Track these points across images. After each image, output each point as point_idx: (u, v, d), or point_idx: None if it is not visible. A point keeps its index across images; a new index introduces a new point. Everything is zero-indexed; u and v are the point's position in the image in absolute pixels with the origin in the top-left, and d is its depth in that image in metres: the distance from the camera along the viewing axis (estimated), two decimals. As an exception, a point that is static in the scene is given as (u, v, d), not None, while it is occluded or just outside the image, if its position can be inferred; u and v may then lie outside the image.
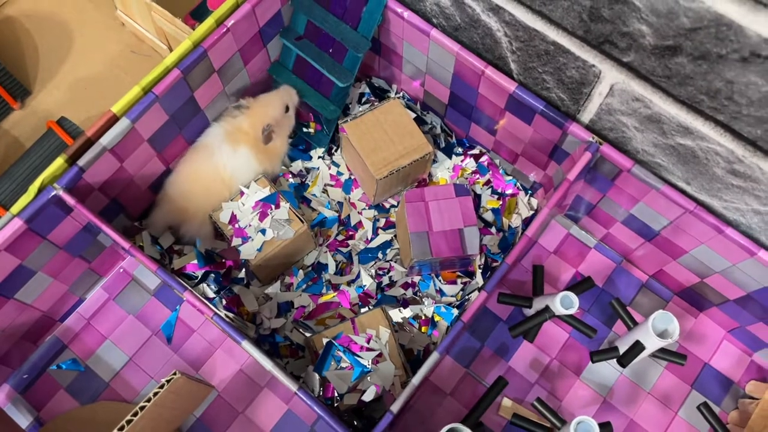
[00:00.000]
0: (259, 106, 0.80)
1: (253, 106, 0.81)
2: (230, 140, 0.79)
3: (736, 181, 0.63)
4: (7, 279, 0.69)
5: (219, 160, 0.77)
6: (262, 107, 0.81)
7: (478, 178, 0.87)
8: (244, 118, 0.80)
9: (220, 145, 0.78)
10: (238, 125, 0.79)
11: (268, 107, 0.81)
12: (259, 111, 0.80)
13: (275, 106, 0.81)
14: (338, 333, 0.72)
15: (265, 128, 0.80)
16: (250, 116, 0.80)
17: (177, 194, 0.79)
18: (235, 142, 0.79)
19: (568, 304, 0.70)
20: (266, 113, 0.80)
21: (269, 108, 0.81)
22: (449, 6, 0.72)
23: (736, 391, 0.80)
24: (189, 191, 0.78)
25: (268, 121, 0.80)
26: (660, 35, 0.56)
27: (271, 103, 0.81)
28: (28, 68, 0.94)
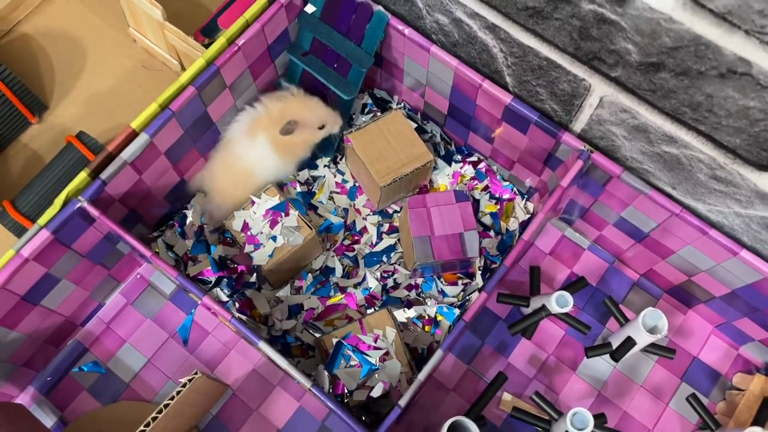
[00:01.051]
0: (305, 101, 0.82)
1: (301, 98, 0.82)
2: (253, 127, 0.81)
3: (718, 186, 0.68)
4: (35, 287, 0.73)
5: (238, 150, 0.81)
6: (307, 105, 0.82)
7: (476, 184, 0.92)
8: (282, 103, 0.81)
9: (243, 134, 0.81)
10: (271, 108, 0.81)
11: (311, 109, 0.82)
12: (301, 105, 0.82)
13: (317, 114, 0.83)
14: (347, 333, 0.76)
15: (291, 121, 0.81)
16: (289, 103, 0.82)
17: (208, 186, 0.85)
18: (256, 130, 0.81)
19: (563, 303, 0.74)
20: (306, 112, 0.82)
21: (310, 111, 0.82)
22: (448, 24, 0.76)
23: (723, 383, 0.84)
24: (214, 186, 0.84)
25: (298, 119, 0.81)
26: (644, 53, 0.60)
27: (315, 110, 0.83)
28: (44, 84, 0.98)
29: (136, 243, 0.71)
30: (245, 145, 0.82)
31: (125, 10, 0.93)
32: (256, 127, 0.82)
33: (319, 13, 0.82)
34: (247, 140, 0.82)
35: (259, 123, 0.82)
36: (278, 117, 0.81)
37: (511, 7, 0.67)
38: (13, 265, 0.68)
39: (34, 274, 0.71)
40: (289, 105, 0.82)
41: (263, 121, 0.82)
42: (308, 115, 0.82)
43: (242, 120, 0.83)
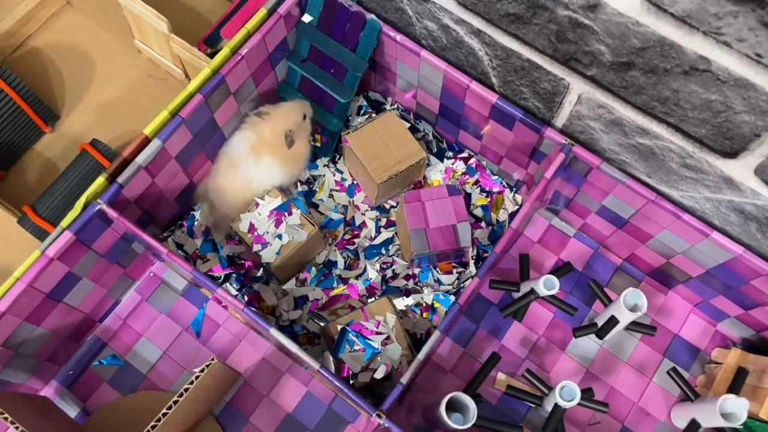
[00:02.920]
0: (279, 113, 0.87)
1: (273, 112, 0.87)
2: (253, 152, 0.86)
3: (689, 174, 0.74)
4: (58, 285, 0.78)
5: (245, 174, 0.86)
6: (283, 114, 0.87)
7: (467, 178, 0.97)
8: (265, 125, 0.86)
9: (246, 158, 0.86)
10: (260, 133, 0.86)
11: (288, 114, 0.87)
12: (280, 117, 0.87)
13: (295, 112, 0.88)
14: (350, 320, 0.82)
15: (288, 134, 0.86)
16: (270, 122, 0.86)
17: (215, 200, 0.90)
18: (258, 154, 0.86)
19: (550, 286, 0.80)
20: (287, 119, 0.87)
21: (289, 114, 0.87)
22: (436, 30, 0.82)
23: (702, 357, 0.90)
24: (222, 201, 0.89)
25: (289, 126, 0.86)
26: (616, 53, 0.66)
27: (290, 110, 0.88)
28: (55, 94, 1.03)
29: (152, 241, 0.76)
30: (252, 168, 0.87)
31: (131, 23, 0.98)
32: (258, 151, 0.87)
33: (315, 22, 0.88)
34: (253, 162, 0.87)
35: (259, 147, 0.87)
36: (272, 137, 0.87)
37: (494, 13, 0.73)
38: (39, 264, 0.74)
39: (58, 272, 0.77)
40: (274, 121, 0.87)
41: (262, 145, 0.87)
42: (291, 116, 0.87)
43: (241, 144, 0.87)
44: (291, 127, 0.87)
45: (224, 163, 0.88)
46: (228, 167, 0.88)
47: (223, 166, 0.89)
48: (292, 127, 0.87)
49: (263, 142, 0.87)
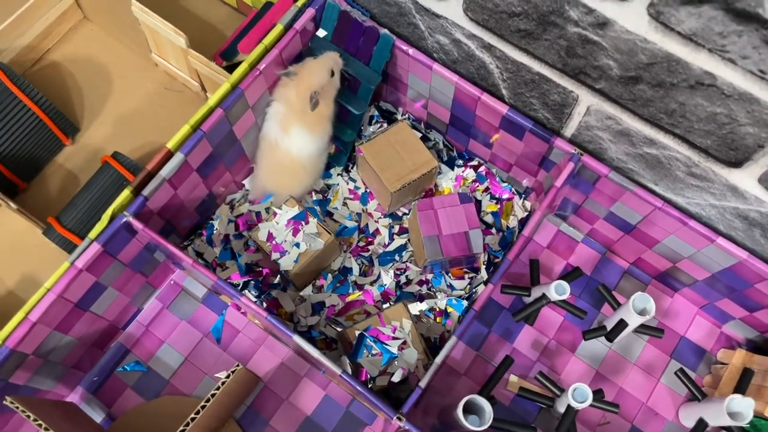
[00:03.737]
0: (305, 73, 0.85)
1: (300, 72, 0.85)
2: (282, 126, 0.88)
3: (695, 182, 0.76)
4: (86, 295, 0.81)
5: (286, 149, 0.89)
6: (308, 74, 0.85)
7: (477, 186, 1.00)
8: (292, 88, 0.86)
9: (280, 135, 0.88)
10: (288, 99, 0.86)
11: (312, 74, 0.85)
12: (304, 79, 0.85)
13: (320, 72, 0.85)
14: (368, 326, 0.85)
15: (313, 95, 0.85)
16: (297, 84, 0.85)
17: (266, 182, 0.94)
18: (286, 126, 0.88)
19: (561, 291, 0.83)
20: (312, 80, 0.85)
21: (314, 75, 0.85)
22: (448, 44, 0.85)
23: (708, 358, 0.93)
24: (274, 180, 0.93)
25: (314, 89, 0.85)
26: (624, 68, 0.69)
27: (316, 70, 0.85)
28: (74, 107, 1.06)
29: (176, 251, 0.79)
30: (287, 141, 0.89)
31: (148, 37, 1.01)
32: (286, 124, 0.88)
33: (329, 37, 0.90)
34: (286, 136, 0.89)
35: (287, 118, 0.88)
36: (299, 102, 0.86)
37: (505, 29, 0.75)
38: (69, 275, 0.76)
39: (86, 283, 0.79)
40: (300, 83, 0.86)
41: (289, 115, 0.88)
42: (316, 77, 0.86)
43: (272, 123, 0.89)
44: (316, 88, 0.85)
45: (265, 148, 0.91)
46: (270, 150, 0.91)
47: (266, 152, 0.91)
48: (317, 87, 0.85)
49: (291, 110, 0.87)
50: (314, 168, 0.94)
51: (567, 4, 0.66)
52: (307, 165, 0.92)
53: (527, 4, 0.70)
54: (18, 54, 1.04)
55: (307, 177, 0.94)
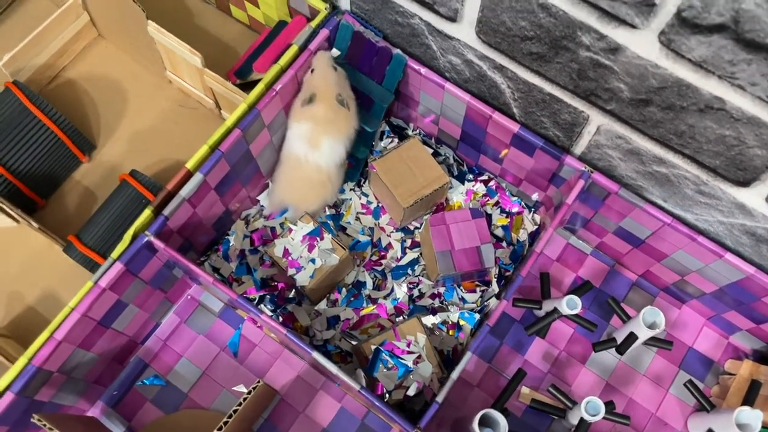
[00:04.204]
0: (320, 87, 0.87)
1: (318, 90, 0.87)
2: (311, 144, 0.89)
3: (703, 199, 0.78)
4: (108, 312, 0.82)
5: (314, 163, 0.90)
6: (323, 85, 0.87)
7: (488, 200, 1.02)
8: (318, 106, 0.87)
9: (308, 151, 0.89)
10: (315, 116, 0.87)
11: (324, 81, 0.87)
12: (325, 92, 0.87)
13: (327, 75, 0.87)
14: (383, 340, 0.86)
15: (338, 97, 0.87)
16: (321, 101, 0.87)
17: (287, 196, 0.94)
18: (316, 143, 0.89)
19: (573, 306, 0.84)
20: (329, 88, 0.87)
21: (327, 81, 0.87)
22: (460, 64, 0.86)
23: (716, 369, 0.95)
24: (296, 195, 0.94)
25: (336, 92, 0.87)
26: (634, 91, 0.70)
27: (324, 76, 0.87)
28: (91, 124, 1.08)
29: (197, 269, 0.81)
30: (315, 157, 0.90)
31: (162, 55, 1.03)
32: (315, 139, 0.89)
33: (343, 56, 0.92)
34: (314, 152, 0.90)
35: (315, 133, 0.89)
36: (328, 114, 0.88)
37: (517, 52, 0.77)
38: (93, 294, 0.78)
39: (108, 301, 0.81)
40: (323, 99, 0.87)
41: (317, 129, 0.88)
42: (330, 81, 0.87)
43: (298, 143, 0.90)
44: (338, 90, 0.87)
45: (290, 165, 0.92)
46: (296, 167, 0.92)
47: (290, 168, 0.93)
48: (337, 89, 0.87)
49: (318, 124, 0.88)
50: (337, 180, 0.96)
51: (579, 30, 0.68)
52: (333, 177, 0.94)
53: (539, 29, 0.71)
54: (34, 72, 1.06)
55: (332, 189, 0.95)
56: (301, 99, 0.89)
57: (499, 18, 0.74)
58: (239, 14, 1.12)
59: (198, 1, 1.16)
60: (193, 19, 1.15)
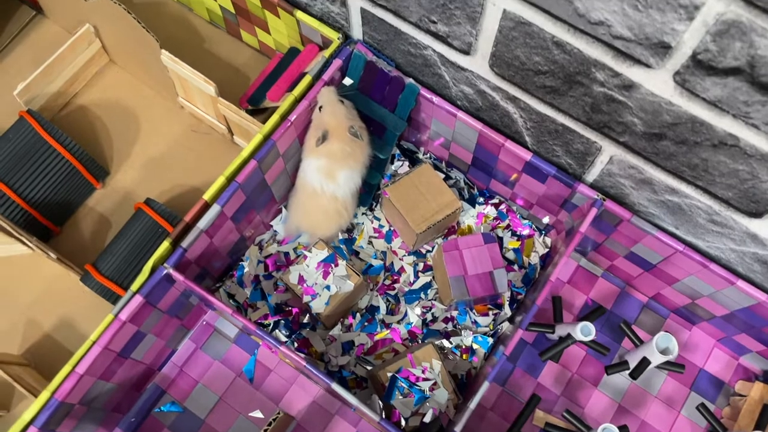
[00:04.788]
0: (332, 124, 0.87)
1: (329, 126, 0.87)
2: (329, 176, 0.90)
3: (715, 228, 0.79)
4: (127, 343, 0.83)
5: (330, 194, 0.91)
6: (334, 121, 0.87)
7: (499, 223, 1.03)
8: (333, 142, 0.87)
9: (324, 183, 0.90)
10: (330, 153, 0.88)
11: (334, 116, 0.87)
12: (337, 127, 0.87)
13: (336, 111, 0.87)
14: (399, 367, 0.87)
15: (351, 129, 0.87)
16: (334, 137, 0.87)
17: (302, 223, 0.95)
18: (332, 176, 0.90)
19: (587, 332, 0.85)
20: (340, 122, 0.87)
21: (337, 116, 0.87)
22: (472, 94, 0.87)
23: (727, 390, 0.96)
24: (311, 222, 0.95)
25: (347, 125, 0.87)
26: (648, 126, 0.71)
27: (333, 111, 0.87)
28: (104, 150, 1.08)
29: (216, 301, 0.82)
30: (331, 188, 0.91)
31: (175, 82, 1.04)
32: (332, 172, 0.90)
33: (356, 85, 0.93)
34: (330, 184, 0.90)
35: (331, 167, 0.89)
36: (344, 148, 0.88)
37: (531, 84, 0.78)
38: (113, 328, 0.79)
39: (128, 333, 0.82)
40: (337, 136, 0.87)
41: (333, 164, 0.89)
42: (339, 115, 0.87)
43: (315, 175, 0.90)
44: (349, 124, 0.87)
45: (305, 195, 0.93)
46: (312, 197, 0.92)
47: (305, 198, 0.93)
48: (348, 122, 0.87)
49: (335, 159, 0.89)
50: (352, 208, 0.97)
51: (593, 67, 0.69)
52: (348, 205, 0.95)
53: (553, 65, 0.72)
54: (47, 100, 1.06)
55: (346, 217, 0.96)
56: (313, 137, 0.89)
57: (513, 53, 0.75)
58: (250, 39, 1.13)
59: (208, 26, 1.17)
60: (203, 44, 1.16)
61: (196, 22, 1.17)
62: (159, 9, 1.18)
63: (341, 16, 0.91)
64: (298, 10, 0.94)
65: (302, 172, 0.93)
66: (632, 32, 0.62)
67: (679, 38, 0.59)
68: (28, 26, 1.17)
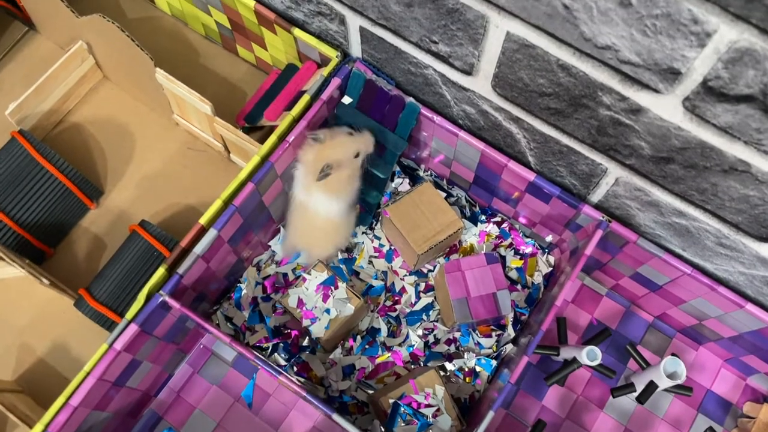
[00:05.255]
0: (328, 144, 0.85)
1: (326, 141, 0.85)
2: (305, 188, 0.88)
3: (724, 251, 0.78)
4: (123, 372, 0.81)
5: (314, 208, 0.89)
6: (332, 147, 0.85)
7: (501, 241, 1.01)
8: (313, 152, 0.86)
9: (304, 196, 0.89)
10: (306, 161, 0.86)
11: (336, 149, 0.85)
12: (326, 149, 0.85)
13: (346, 150, 0.86)
14: (402, 393, 0.85)
15: (324, 167, 0.84)
16: (318, 152, 0.85)
17: (298, 241, 0.95)
18: (308, 188, 0.88)
19: (593, 357, 0.84)
20: (332, 154, 0.85)
21: (338, 150, 0.85)
22: (474, 113, 0.86)
23: (734, 411, 0.94)
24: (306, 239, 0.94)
25: (330, 161, 0.85)
26: (656, 149, 0.70)
27: (342, 146, 0.86)
28: (98, 169, 1.06)
29: (215, 330, 0.80)
30: (312, 203, 0.89)
31: (170, 100, 1.02)
32: (308, 186, 0.88)
33: (355, 104, 0.91)
34: (310, 199, 0.89)
35: (308, 180, 0.88)
36: (314, 167, 0.86)
37: (534, 106, 0.76)
38: (108, 358, 0.77)
39: (123, 362, 0.80)
40: (320, 152, 0.86)
41: (309, 178, 0.88)
42: (339, 153, 0.86)
43: (296, 184, 0.90)
44: (332, 162, 0.85)
45: (295, 209, 0.92)
46: (300, 212, 0.91)
47: (296, 213, 0.92)
48: (333, 161, 0.85)
49: (309, 173, 0.87)
50: (344, 227, 0.95)
51: (600, 91, 0.67)
52: (337, 224, 0.93)
53: (558, 87, 0.71)
54: (40, 119, 1.04)
55: (338, 236, 0.94)
56: (312, 174, 0.86)
57: (516, 74, 0.73)
58: (246, 54, 1.11)
59: (203, 40, 1.15)
60: (198, 58, 1.14)
61: (191, 37, 1.15)
62: (153, 23, 1.16)
63: (340, 34, 0.89)
64: (296, 28, 0.92)
65: (300, 196, 0.91)
66: (640, 57, 0.60)
67: (689, 65, 0.57)
68: (20, 42, 1.15)
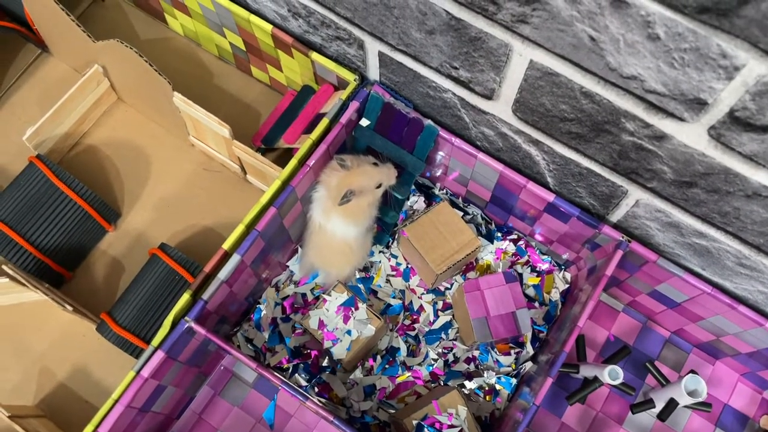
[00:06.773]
0: (355, 173, 0.86)
1: (352, 168, 0.87)
2: (324, 212, 0.89)
3: (744, 271, 0.79)
4: (149, 398, 0.82)
5: (331, 232, 0.90)
6: (356, 175, 0.87)
7: (518, 259, 1.02)
8: (336, 177, 0.87)
9: (322, 218, 0.90)
10: (329, 185, 0.88)
11: (361, 177, 0.87)
12: (351, 176, 0.86)
13: (370, 180, 0.87)
14: (425, 414, 0.86)
15: (347, 193, 0.85)
16: (342, 178, 0.87)
17: (316, 261, 0.95)
18: (328, 212, 0.89)
19: (614, 376, 0.84)
20: (356, 182, 0.86)
21: (362, 178, 0.87)
22: (493, 135, 0.86)
23: (752, 425, 0.95)
24: (323, 260, 0.95)
25: (353, 188, 0.86)
26: (678, 174, 0.70)
27: (366, 176, 0.87)
28: (114, 191, 1.07)
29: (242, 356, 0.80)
30: (330, 226, 0.90)
31: (187, 122, 1.02)
32: (327, 209, 0.89)
33: (373, 126, 0.92)
34: (328, 222, 0.90)
35: (328, 203, 0.89)
36: (336, 192, 0.87)
37: (555, 130, 0.77)
38: (135, 385, 0.78)
39: (150, 388, 0.81)
40: (344, 178, 0.87)
41: (329, 201, 0.89)
42: (363, 181, 0.87)
43: (315, 206, 0.91)
44: (355, 189, 0.86)
45: (313, 230, 0.93)
46: (318, 232, 0.92)
47: (314, 233, 0.93)
48: (356, 188, 0.86)
49: (330, 197, 0.88)
50: (361, 248, 0.95)
51: (623, 118, 0.68)
52: (354, 245, 0.93)
53: (581, 113, 0.71)
54: (56, 142, 1.05)
55: (355, 257, 0.95)
56: (333, 198, 0.87)
57: (538, 100, 0.74)
58: (260, 75, 1.11)
59: (217, 61, 1.15)
60: (212, 79, 1.14)
61: (204, 57, 1.16)
62: (166, 44, 1.17)
63: (358, 58, 0.90)
64: (313, 51, 0.93)
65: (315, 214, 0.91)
66: (666, 88, 0.61)
67: (716, 96, 0.58)
68: (34, 64, 1.15)
